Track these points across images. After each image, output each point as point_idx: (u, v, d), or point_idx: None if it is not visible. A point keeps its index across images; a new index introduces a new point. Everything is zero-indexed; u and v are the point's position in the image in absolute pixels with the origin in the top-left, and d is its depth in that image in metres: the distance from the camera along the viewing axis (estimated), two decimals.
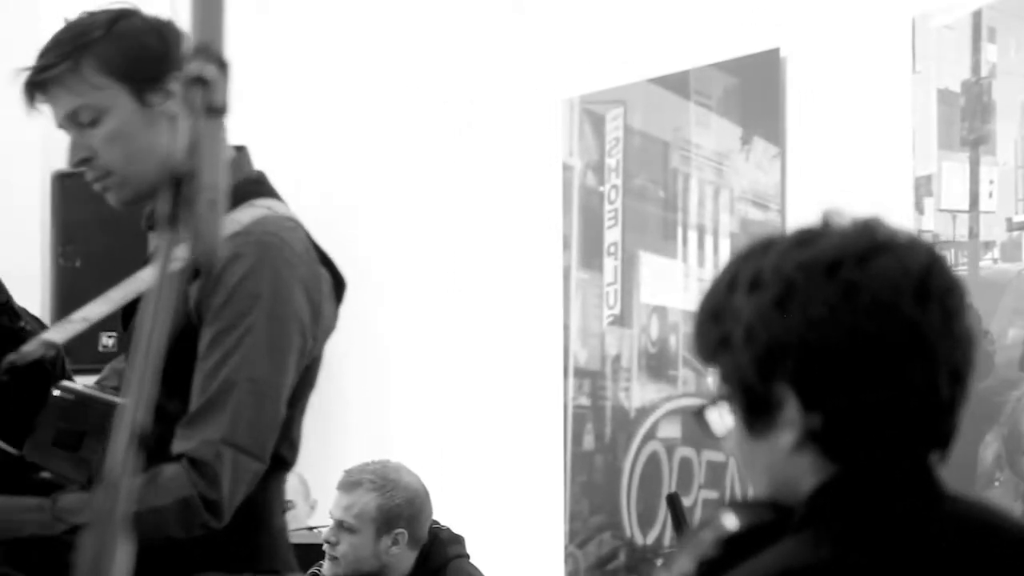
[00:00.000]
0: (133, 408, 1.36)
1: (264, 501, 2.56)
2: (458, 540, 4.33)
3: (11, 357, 2.49)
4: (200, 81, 1.34)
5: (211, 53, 1.35)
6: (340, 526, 4.17)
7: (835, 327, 1.58)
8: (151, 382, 1.36)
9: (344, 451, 4.91)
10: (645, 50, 4.87)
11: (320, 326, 2.57)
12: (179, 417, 2.50)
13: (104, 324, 5.57)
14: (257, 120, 4.22)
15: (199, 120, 1.34)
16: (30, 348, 2.51)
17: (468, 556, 4.33)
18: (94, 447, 2.48)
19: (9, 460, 2.46)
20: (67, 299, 5.26)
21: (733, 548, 1.60)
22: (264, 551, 2.58)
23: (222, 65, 1.35)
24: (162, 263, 1.35)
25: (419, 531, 4.21)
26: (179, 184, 1.34)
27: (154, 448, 2.52)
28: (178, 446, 2.46)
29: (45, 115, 2.64)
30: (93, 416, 2.51)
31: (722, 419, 1.65)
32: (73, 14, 2.59)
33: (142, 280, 2.49)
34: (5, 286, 3.13)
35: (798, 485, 1.61)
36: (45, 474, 2.47)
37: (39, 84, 2.56)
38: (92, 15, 2.57)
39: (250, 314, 2.47)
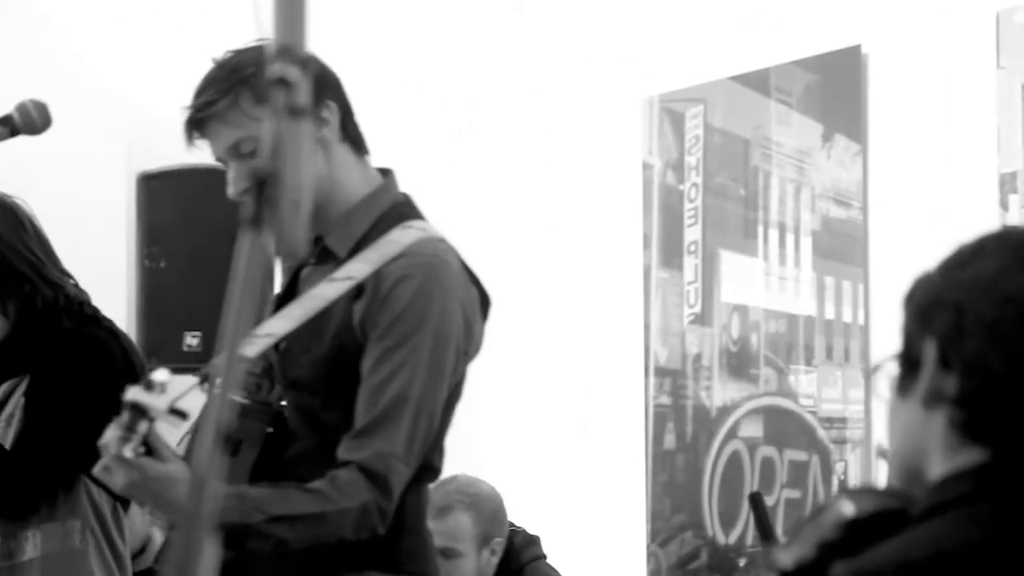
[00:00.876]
0: (219, 409, 1.37)
1: (418, 506, 2.70)
2: (534, 541, 4.32)
3: (205, 370, 2.60)
4: (283, 83, 1.35)
5: (293, 55, 1.36)
6: (444, 555, 4.11)
7: (994, 288, 1.57)
8: (236, 383, 1.37)
9: None
10: (725, 48, 4.86)
11: (471, 344, 2.71)
12: (335, 427, 2.62)
13: (188, 323, 5.62)
14: None
15: (282, 121, 1.36)
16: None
17: (545, 556, 4.32)
18: (248, 453, 2.63)
19: None
20: (152, 300, 5.31)
21: (855, 532, 1.59)
22: (419, 553, 2.72)
23: (304, 67, 1.36)
24: (245, 265, 1.36)
25: (505, 536, 4.22)
26: (263, 185, 1.35)
27: (312, 455, 2.64)
28: (349, 454, 2.59)
29: (129, 118, 2.69)
30: (248, 423, 2.66)
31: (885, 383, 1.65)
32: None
33: (322, 297, 2.61)
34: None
35: (926, 455, 1.59)
36: None
37: (201, 120, 2.66)
38: (240, 52, 2.67)
39: (418, 333, 2.60)
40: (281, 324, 2.62)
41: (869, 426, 4.48)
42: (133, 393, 2.37)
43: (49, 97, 2.90)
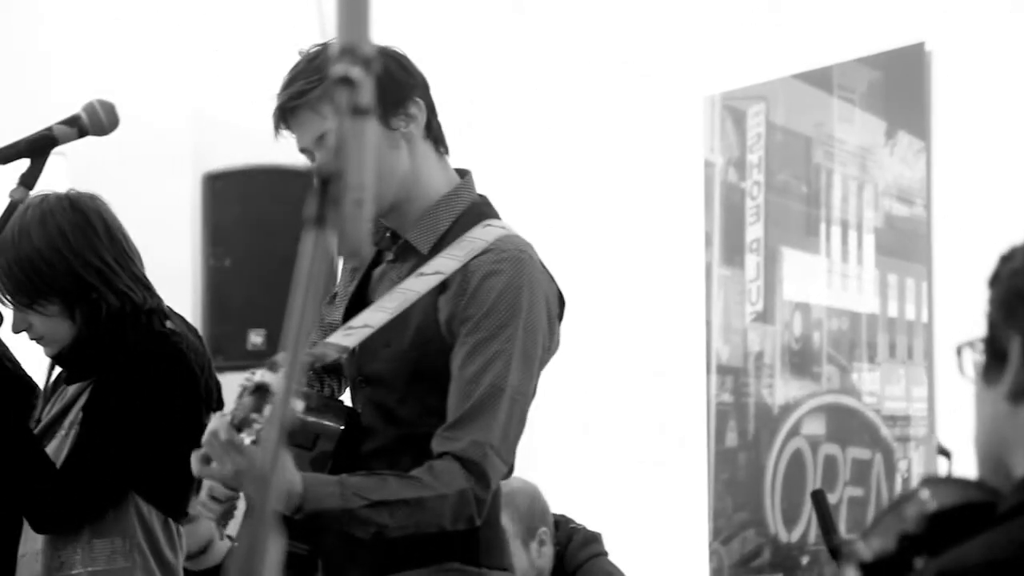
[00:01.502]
0: (283, 405, 1.38)
1: (496, 502, 2.70)
2: (595, 539, 4.32)
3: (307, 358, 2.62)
4: (346, 82, 1.37)
5: (357, 54, 1.37)
6: None
7: None
8: (299, 379, 1.38)
9: None
10: (788, 45, 4.84)
11: (553, 340, 2.71)
12: (412, 422, 2.63)
13: (254, 320, 5.64)
14: None
15: (345, 120, 1.37)
16: (323, 351, 2.64)
17: (606, 554, 4.32)
18: (326, 446, 2.64)
19: None
20: (217, 298, 5.35)
21: (937, 526, 1.56)
22: (495, 548, 2.73)
23: (368, 66, 1.37)
24: (309, 263, 1.37)
25: (550, 524, 4.22)
26: (326, 184, 1.36)
27: (388, 451, 2.65)
28: (444, 446, 2.59)
29: (195, 118, 2.71)
30: (318, 418, 2.67)
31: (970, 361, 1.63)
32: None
33: (412, 291, 2.62)
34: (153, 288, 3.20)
35: (1010, 447, 1.58)
36: None
37: (291, 110, 2.66)
38: (329, 45, 2.66)
39: (510, 325, 2.60)
40: (376, 316, 2.62)
41: (932, 424, 4.46)
42: (261, 375, 2.37)
43: (115, 98, 2.92)
